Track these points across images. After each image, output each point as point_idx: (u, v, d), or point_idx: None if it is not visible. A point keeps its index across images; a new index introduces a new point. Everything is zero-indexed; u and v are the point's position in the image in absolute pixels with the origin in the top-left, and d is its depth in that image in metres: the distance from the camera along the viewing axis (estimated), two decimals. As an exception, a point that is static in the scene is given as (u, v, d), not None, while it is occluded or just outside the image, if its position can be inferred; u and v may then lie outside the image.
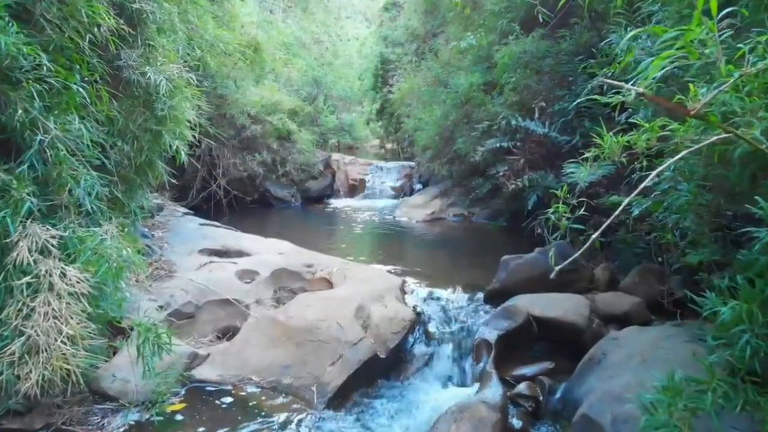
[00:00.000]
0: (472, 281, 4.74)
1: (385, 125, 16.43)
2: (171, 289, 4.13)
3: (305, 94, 10.95)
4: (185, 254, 4.80)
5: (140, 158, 3.92)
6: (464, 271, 5.15)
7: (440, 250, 6.25)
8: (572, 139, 5.36)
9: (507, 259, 4.26)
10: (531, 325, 3.70)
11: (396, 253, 5.96)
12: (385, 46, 16.33)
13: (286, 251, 5.06)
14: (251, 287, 4.30)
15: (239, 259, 4.74)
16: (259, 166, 8.89)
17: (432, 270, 5.26)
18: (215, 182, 8.52)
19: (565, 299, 3.90)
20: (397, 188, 10.93)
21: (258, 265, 4.60)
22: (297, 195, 9.78)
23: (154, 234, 5.16)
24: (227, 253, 5.01)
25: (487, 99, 6.85)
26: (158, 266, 4.53)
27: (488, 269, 5.21)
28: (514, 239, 6.47)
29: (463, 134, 7.97)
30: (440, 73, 8.69)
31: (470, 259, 5.74)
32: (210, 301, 4.12)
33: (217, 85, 8.12)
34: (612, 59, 4.01)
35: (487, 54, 7.89)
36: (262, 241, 5.36)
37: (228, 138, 8.81)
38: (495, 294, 4.19)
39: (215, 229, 5.59)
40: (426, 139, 9.04)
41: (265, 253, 4.98)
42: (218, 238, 5.25)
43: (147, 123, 3.96)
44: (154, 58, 3.92)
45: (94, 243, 2.81)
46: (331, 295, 3.94)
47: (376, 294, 3.93)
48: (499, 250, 6.25)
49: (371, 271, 4.68)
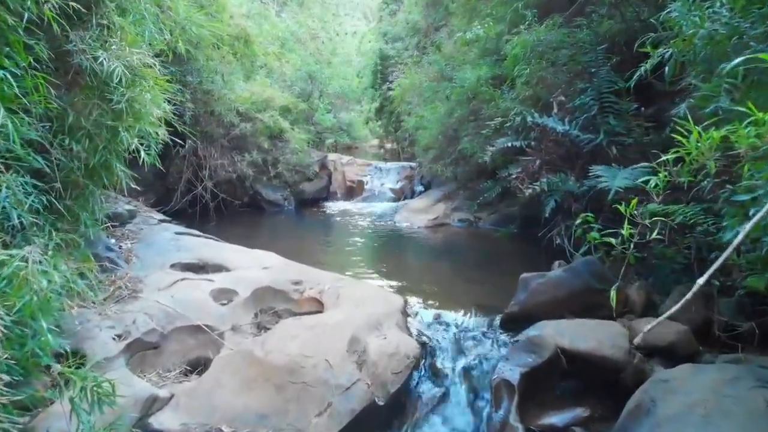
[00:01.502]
0: (485, 300, 4.13)
1: (385, 124, 15.83)
2: (133, 314, 3.51)
3: (299, 90, 10.32)
4: (155, 269, 4.17)
5: (94, 159, 3.30)
6: (474, 288, 4.53)
7: (446, 261, 5.63)
8: (596, 138, 4.74)
9: (527, 278, 3.64)
10: (559, 361, 3.08)
11: (396, 264, 5.35)
12: (384, 42, 15.73)
13: (272, 265, 4.44)
14: (228, 310, 3.68)
15: (217, 276, 4.11)
16: (249, 166, 8.26)
17: (438, 285, 4.64)
18: (201, 184, 7.89)
19: (598, 327, 3.29)
20: (397, 190, 10.31)
21: (237, 282, 3.98)
22: (290, 198, 9.15)
23: (122, 246, 4.53)
24: (204, 268, 4.39)
25: (496, 94, 6.24)
26: (122, 284, 3.91)
27: (502, 285, 4.60)
28: (528, 249, 5.85)
29: (468, 133, 7.35)
30: (444, 68, 8.07)
31: (480, 272, 5.13)
32: (178, 327, 3.50)
33: (203, 80, 7.49)
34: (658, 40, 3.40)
35: (495, 46, 7.28)
36: (246, 252, 4.74)
37: (216, 137, 8.20)
38: (514, 319, 3.58)
39: (193, 238, 4.96)
40: (428, 138, 8.43)
41: (248, 267, 4.36)
42: (195, 249, 4.63)
43: (103, 118, 3.36)
44: (111, 41, 3.31)
45: (10, 269, 2.19)
46: (319, 322, 3.32)
47: (373, 320, 3.32)
48: (512, 261, 5.68)
49: (368, 289, 4.06)
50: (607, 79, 4.94)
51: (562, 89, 5.07)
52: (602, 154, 4.86)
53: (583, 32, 5.58)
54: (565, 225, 4.83)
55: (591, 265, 3.56)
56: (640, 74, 3.44)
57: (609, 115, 4.79)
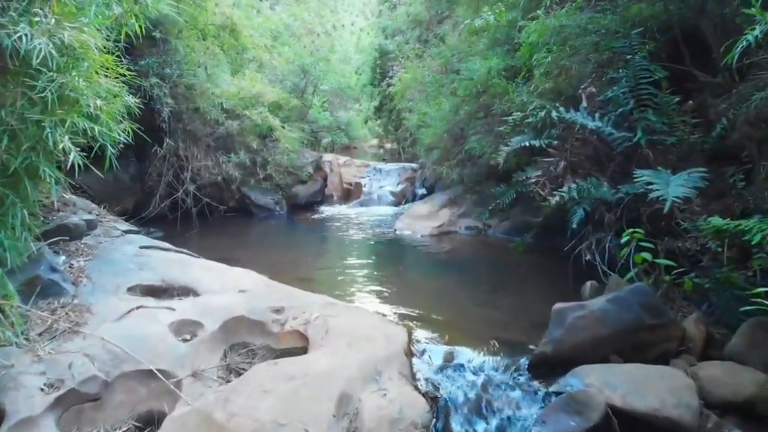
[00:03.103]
0: (506, 332, 3.42)
1: (384, 123, 15.14)
2: (71, 355, 2.80)
3: (291, 85, 9.59)
4: (108, 294, 3.46)
5: (15, 162, 2.61)
6: (491, 315, 3.82)
7: (455, 279, 4.92)
8: (632, 137, 4.03)
9: (562, 310, 2.93)
10: (611, 424, 2.37)
11: (398, 282, 4.64)
12: (384, 38, 15.04)
13: (250, 288, 3.73)
14: (190, 349, 2.97)
15: (181, 303, 3.40)
16: (236, 168, 7.55)
17: (447, 311, 3.93)
18: (183, 187, 7.18)
19: (656, 376, 2.58)
20: (397, 193, 9.60)
21: (205, 311, 3.27)
22: (282, 202, 8.44)
23: (73, 264, 3.82)
24: (168, 291, 3.67)
25: (510, 87, 5.53)
26: (63, 315, 3.20)
27: (524, 311, 3.89)
28: (549, 264, 5.14)
29: (477, 131, 6.65)
30: (450, 59, 7.36)
31: (496, 293, 4.42)
32: (126, 373, 2.79)
33: (183, 73, 6.78)
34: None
35: (506, 35, 6.58)
36: (220, 271, 4.03)
37: (199, 135, 7.49)
38: (546, 361, 2.87)
39: (160, 254, 4.24)
40: (432, 137, 7.73)
41: (220, 290, 3.65)
42: (160, 267, 3.91)
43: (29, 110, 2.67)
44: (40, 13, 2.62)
45: None
46: (301, 369, 2.60)
47: (370, 367, 2.61)
48: (533, 279, 4.94)
49: (364, 319, 3.35)
50: (644, 67, 4.23)
51: (591, 80, 4.36)
52: (638, 155, 4.16)
53: (607, 18, 4.87)
54: (596, 238, 4.12)
55: (642, 295, 2.85)
56: (743, 46, 2.69)
57: (647, 110, 4.09)
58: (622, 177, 4.26)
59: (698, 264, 3.63)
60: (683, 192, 2.97)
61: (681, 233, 3.79)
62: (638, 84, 4.20)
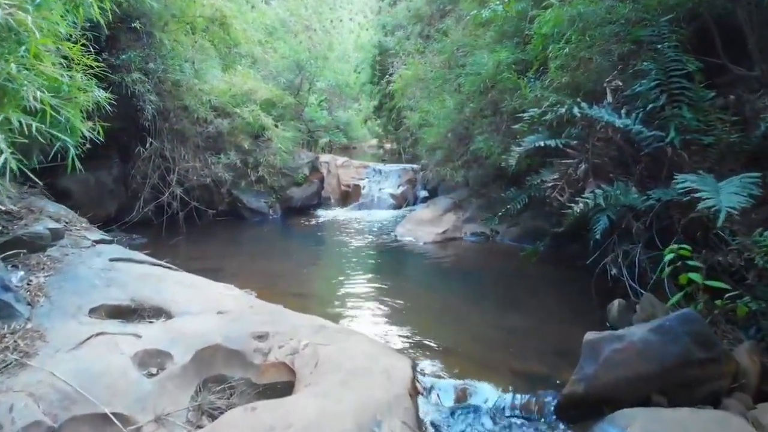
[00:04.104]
0: (525, 362, 2.97)
1: (384, 123, 14.67)
2: (13, 395, 2.35)
3: (286, 81, 9.12)
4: (67, 317, 3.00)
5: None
6: (507, 339, 3.36)
7: (462, 294, 4.45)
8: (664, 136, 3.58)
9: (596, 342, 2.47)
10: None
11: (399, 299, 4.18)
12: (384, 35, 14.59)
13: (230, 308, 3.27)
14: (155, 386, 2.51)
15: (149, 328, 2.95)
16: (226, 170, 7.09)
17: (455, 334, 3.47)
18: (169, 190, 6.72)
19: (714, 425, 2.13)
20: (397, 196, 9.14)
21: (176, 339, 2.81)
22: (276, 205, 7.98)
23: (32, 281, 3.36)
24: (137, 312, 3.22)
25: (522, 82, 5.08)
26: (12, 344, 2.74)
27: (544, 335, 3.43)
28: (567, 276, 4.70)
29: (483, 130, 6.20)
30: (455, 53, 6.90)
31: (510, 312, 3.95)
32: (77, 417, 2.33)
33: (168, 68, 6.32)
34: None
35: (515, 27, 6.12)
36: (200, 287, 3.58)
37: (188, 135, 7.03)
38: (577, 402, 2.41)
39: (133, 267, 3.79)
40: (434, 136, 7.28)
41: (197, 311, 3.20)
42: (130, 284, 3.45)
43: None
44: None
45: None
46: (283, 418, 2.15)
47: (367, 415, 2.16)
48: (550, 294, 4.35)
49: (360, 346, 2.89)
50: (675, 58, 3.78)
51: (617, 72, 3.91)
52: (669, 156, 3.70)
53: (626, 7, 4.42)
54: (623, 250, 3.66)
55: (690, 324, 2.40)
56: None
57: (681, 106, 3.63)
58: (651, 181, 3.81)
59: (742, 282, 3.18)
60: (738, 202, 2.51)
61: (720, 246, 3.35)
62: (669, 77, 3.75)
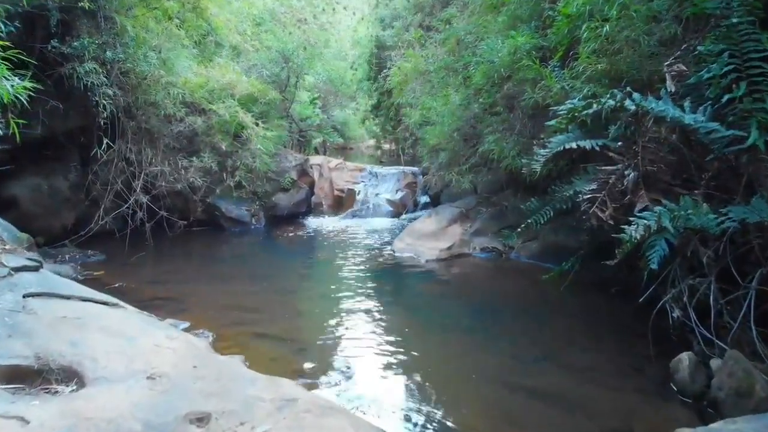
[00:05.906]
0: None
1: (382, 122, 13.80)
2: None
3: (269, 74, 8.21)
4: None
5: None
6: (536, 411, 2.49)
7: (479, 334, 3.56)
8: (745, 136, 2.73)
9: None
10: None
11: (398, 341, 3.29)
12: (381, 29, 13.75)
13: (167, 369, 2.39)
14: None
15: (43, 408, 2.07)
16: (200, 174, 6.22)
17: (477, 402, 2.60)
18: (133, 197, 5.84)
19: None
20: (395, 203, 8.28)
21: (76, 427, 1.94)
22: (259, 214, 7.12)
23: None
24: (43, 375, 2.35)
25: (545, 71, 4.23)
26: None
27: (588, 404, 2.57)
28: (602, 306, 3.86)
29: (494, 128, 5.36)
30: (460, 41, 6.04)
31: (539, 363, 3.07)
32: None
33: (129, 57, 5.44)
34: None
35: (531, 10, 5.28)
36: (132, 335, 2.71)
37: (155, 135, 6.16)
38: None
39: (52, 306, 2.91)
40: (437, 136, 6.43)
41: (121, 373, 2.33)
42: (41, 332, 2.58)
43: None
44: None
45: None
46: None
47: None
48: (589, 333, 3.34)
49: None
50: (753, 37, 2.93)
51: (680, 53, 3.05)
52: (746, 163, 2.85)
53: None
54: (688, 285, 2.81)
55: None
56: None
57: (765, 97, 2.78)
58: (722, 194, 2.96)
59: None
60: None
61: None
62: (745, 60, 2.90)
